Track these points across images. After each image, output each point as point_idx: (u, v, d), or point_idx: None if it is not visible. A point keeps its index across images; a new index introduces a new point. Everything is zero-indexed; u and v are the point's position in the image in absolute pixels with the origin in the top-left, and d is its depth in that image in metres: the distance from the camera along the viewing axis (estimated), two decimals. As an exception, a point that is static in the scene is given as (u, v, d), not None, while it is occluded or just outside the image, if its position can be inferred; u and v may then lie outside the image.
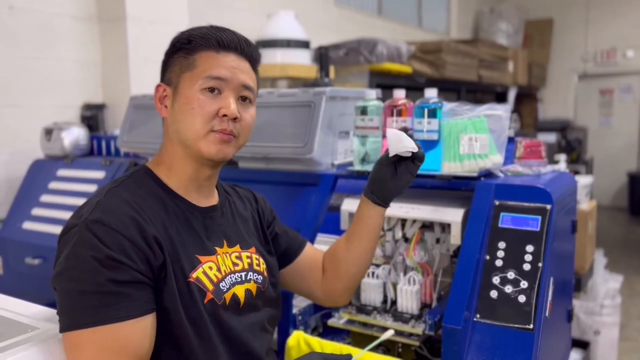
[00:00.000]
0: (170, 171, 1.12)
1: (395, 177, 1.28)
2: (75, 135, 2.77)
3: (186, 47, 1.10)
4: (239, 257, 1.16)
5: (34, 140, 2.89)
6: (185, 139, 1.08)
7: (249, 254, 1.19)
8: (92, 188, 2.47)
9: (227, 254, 1.14)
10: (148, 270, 0.98)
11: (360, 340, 1.53)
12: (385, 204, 1.31)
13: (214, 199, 1.19)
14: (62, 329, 0.94)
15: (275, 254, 1.31)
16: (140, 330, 0.95)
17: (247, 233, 1.23)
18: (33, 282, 2.42)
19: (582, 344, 3.07)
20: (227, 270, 1.11)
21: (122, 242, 0.95)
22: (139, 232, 0.98)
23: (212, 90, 1.07)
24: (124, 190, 1.06)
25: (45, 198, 2.62)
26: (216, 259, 1.10)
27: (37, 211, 2.60)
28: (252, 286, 1.15)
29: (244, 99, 1.12)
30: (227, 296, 1.09)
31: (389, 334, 1.21)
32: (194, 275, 1.05)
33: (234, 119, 1.08)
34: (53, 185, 2.65)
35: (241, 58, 1.12)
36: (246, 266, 1.16)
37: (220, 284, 1.08)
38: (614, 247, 5.65)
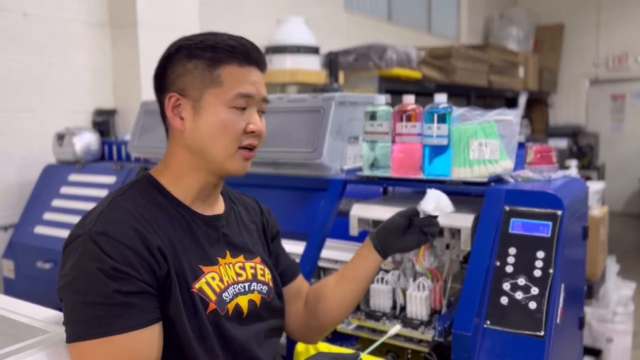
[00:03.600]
0: (177, 180, 1.11)
1: (405, 233, 1.29)
2: (86, 140, 2.80)
3: (208, 55, 1.06)
4: (243, 268, 1.15)
5: (46, 145, 2.93)
6: (210, 155, 1.07)
7: (253, 265, 1.17)
8: (103, 193, 2.48)
9: (231, 265, 1.13)
10: (153, 280, 0.98)
11: (369, 346, 1.52)
12: (383, 255, 1.30)
13: (218, 208, 1.18)
14: (69, 340, 0.95)
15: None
16: (147, 340, 0.95)
17: (252, 243, 1.22)
18: (44, 286, 2.43)
19: (594, 352, 3.03)
20: (230, 280, 1.10)
21: (126, 253, 0.95)
22: (143, 242, 0.98)
23: (240, 107, 1.07)
24: (127, 200, 1.05)
25: (56, 202, 2.65)
26: (218, 269, 1.09)
27: (48, 215, 2.62)
28: (255, 297, 1.14)
29: (261, 111, 1.12)
30: (230, 307, 1.08)
31: (396, 329, 1.19)
32: (197, 285, 1.04)
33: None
34: (64, 190, 2.68)
35: (259, 70, 1.11)
36: (250, 277, 1.15)
37: (223, 295, 1.08)
38: (627, 254, 5.59)
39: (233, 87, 1.06)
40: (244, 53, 1.07)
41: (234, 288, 1.10)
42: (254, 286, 1.14)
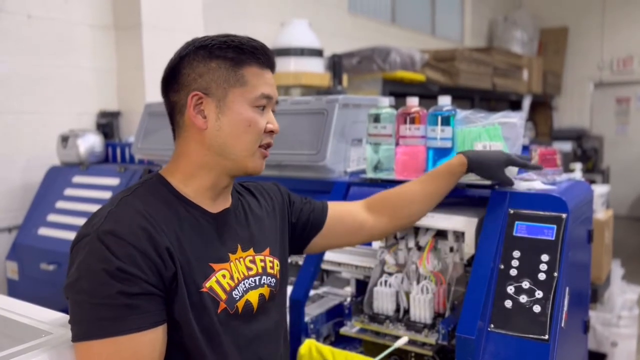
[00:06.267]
0: (188, 180, 1.11)
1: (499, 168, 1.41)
2: (90, 142, 2.81)
3: (231, 56, 1.08)
4: (253, 261, 1.15)
5: (51, 147, 2.93)
6: (232, 153, 1.09)
7: (262, 257, 1.18)
8: (107, 195, 2.49)
9: (241, 259, 1.13)
10: (159, 281, 0.98)
11: (373, 349, 1.52)
12: (470, 170, 1.41)
13: (226, 203, 1.19)
14: (74, 339, 0.95)
15: (304, 226, 1.34)
16: (151, 342, 0.95)
17: (261, 234, 1.22)
18: (48, 287, 2.44)
19: (599, 356, 3.02)
20: (241, 276, 1.11)
21: (133, 253, 0.95)
22: (150, 243, 0.98)
23: (261, 107, 1.11)
24: (137, 199, 1.05)
25: (60, 204, 2.65)
26: (229, 266, 1.10)
27: (52, 217, 2.63)
28: (265, 290, 1.15)
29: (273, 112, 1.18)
30: (240, 304, 1.08)
31: (402, 342, 1.19)
32: (207, 284, 1.04)
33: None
34: (68, 191, 2.68)
35: (271, 72, 1.16)
36: (260, 270, 1.16)
37: (233, 292, 1.08)
38: (632, 258, 5.56)
39: (257, 88, 1.09)
40: (264, 55, 1.11)
41: (244, 284, 1.11)
42: (264, 279, 1.16)
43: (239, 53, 1.08)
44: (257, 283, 1.14)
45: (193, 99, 1.08)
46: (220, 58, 1.08)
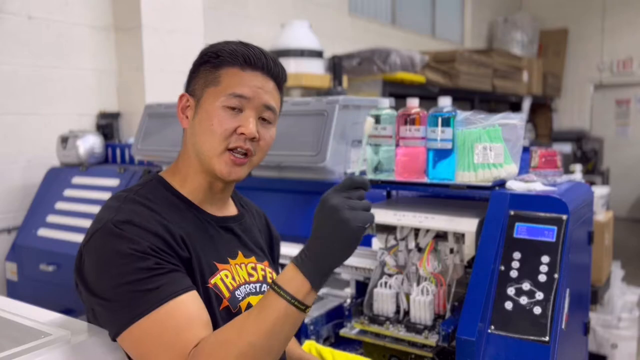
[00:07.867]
0: (185, 182, 1.13)
1: None
2: (90, 143, 2.81)
3: (213, 61, 1.09)
4: (254, 269, 1.16)
5: (51, 148, 2.93)
6: (201, 153, 1.09)
7: (263, 267, 1.19)
8: (106, 196, 2.47)
9: (243, 265, 1.14)
10: (180, 263, 1.00)
11: (373, 351, 1.52)
12: None
13: (228, 210, 1.20)
14: (118, 332, 0.94)
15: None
16: (196, 300, 0.96)
17: (260, 248, 1.24)
18: (47, 288, 2.44)
19: (599, 358, 3.02)
20: (242, 280, 1.12)
21: (153, 239, 0.97)
22: (166, 230, 1.00)
23: (233, 108, 1.07)
24: (141, 197, 1.07)
25: (60, 205, 2.65)
26: (230, 268, 1.11)
27: (52, 218, 2.63)
28: None
29: (264, 119, 1.11)
30: (243, 305, 1.09)
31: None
32: (213, 281, 1.06)
33: (252, 139, 1.08)
34: (68, 192, 2.68)
35: (267, 77, 1.11)
36: (261, 278, 1.16)
37: (236, 292, 1.09)
38: (632, 260, 5.55)
39: (229, 87, 1.07)
40: (245, 57, 1.09)
41: (245, 287, 1.12)
42: (264, 288, 1.16)
43: (219, 55, 1.09)
44: (258, 290, 1.14)
45: (182, 100, 1.13)
46: (207, 63, 1.11)
